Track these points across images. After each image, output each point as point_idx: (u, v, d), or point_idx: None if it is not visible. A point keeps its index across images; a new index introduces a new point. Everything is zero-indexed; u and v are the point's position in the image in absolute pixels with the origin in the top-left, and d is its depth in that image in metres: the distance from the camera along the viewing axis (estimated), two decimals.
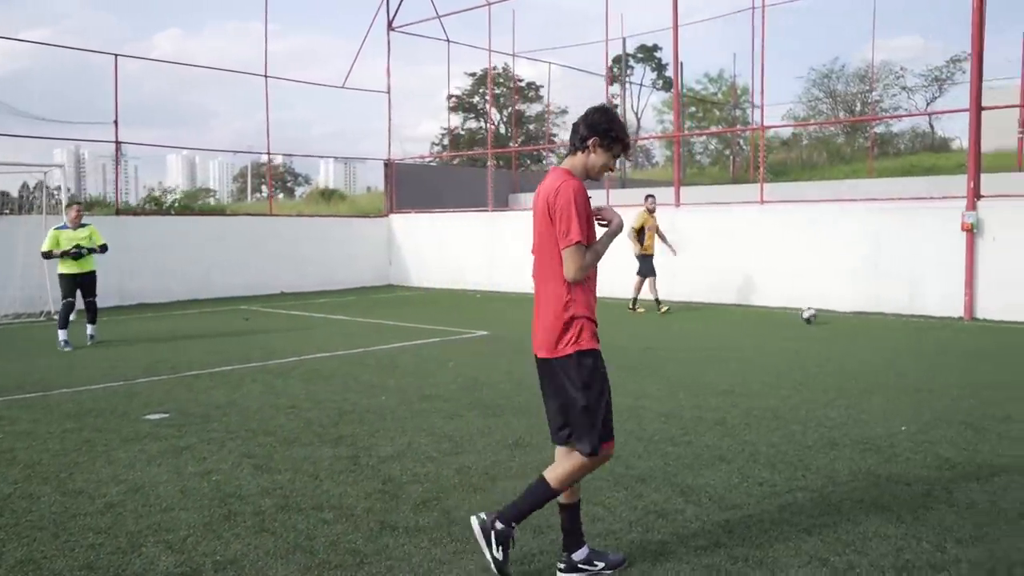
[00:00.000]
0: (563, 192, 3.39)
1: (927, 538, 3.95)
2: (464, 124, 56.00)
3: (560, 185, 3.42)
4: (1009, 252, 12.48)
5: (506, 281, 18.93)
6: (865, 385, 7.65)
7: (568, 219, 3.35)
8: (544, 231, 3.46)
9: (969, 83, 13.06)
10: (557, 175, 3.51)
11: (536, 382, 3.77)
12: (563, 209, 3.36)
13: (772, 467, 5.10)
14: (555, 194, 3.40)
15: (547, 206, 3.43)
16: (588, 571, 3.58)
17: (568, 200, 3.36)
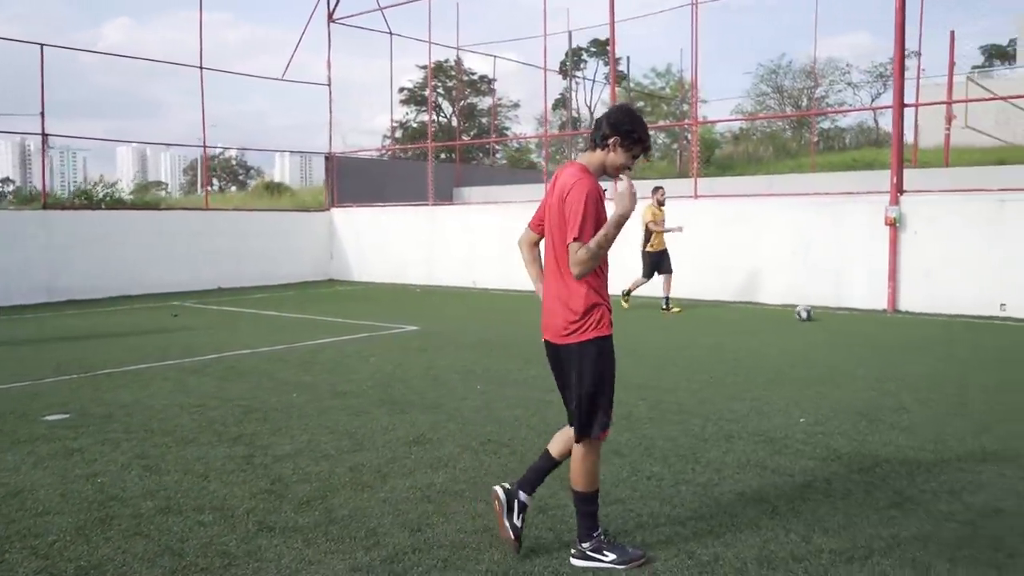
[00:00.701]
0: (575, 190, 3.47)
1: (796, 529, 4.03)
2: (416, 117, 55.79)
3: (574, 183, 3.49)
4: (929, 246, 12.78)
5: (447, 276, 18.90)
6: (774, 377, 7.78)
7: (576, 215, 3.42)
8: (557, 223, 3.57)
9: (892, 81, 13.30)
10: (574, 171, 3.59)
11: (451, 378, 3.75)
12: (572, 205, 3.44)
13: (664, 461, 5.16)
14: (568, 190, 3.50)
15: (561, 201, 3.52)
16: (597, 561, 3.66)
17: (578, 199, 3.43)
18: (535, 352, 9.25)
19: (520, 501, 3.78)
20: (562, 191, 3.54)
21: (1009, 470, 4.93)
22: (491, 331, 11.27)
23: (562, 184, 3.56)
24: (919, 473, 4.89)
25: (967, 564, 3.61)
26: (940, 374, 7.93)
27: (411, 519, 4.19)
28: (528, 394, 7.09)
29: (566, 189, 3.51)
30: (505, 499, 3.78)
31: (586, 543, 3.68)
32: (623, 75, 52.27)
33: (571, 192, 3.47)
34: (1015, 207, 12.21)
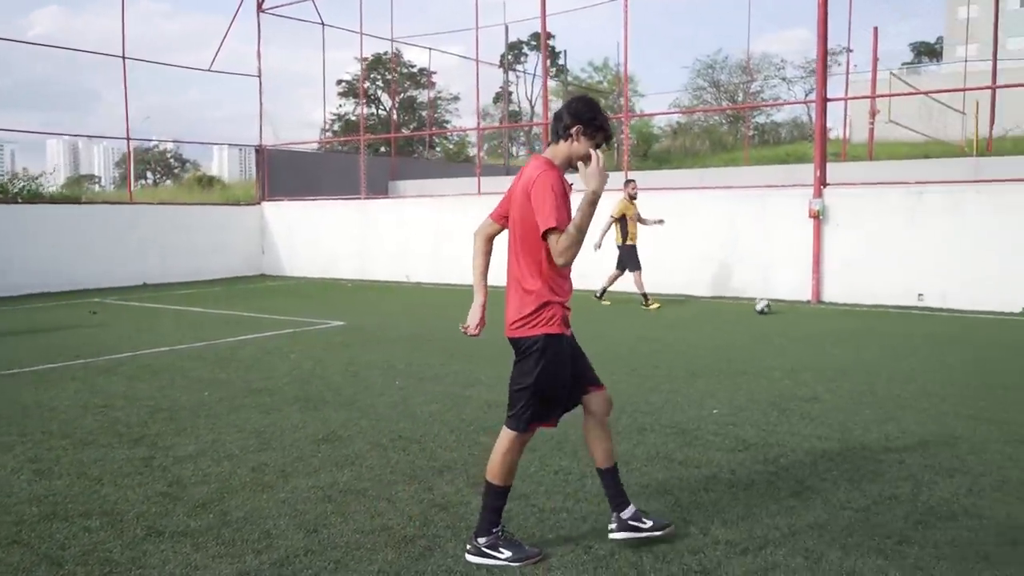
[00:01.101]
0: (539, 182, 3.44)
1: (696, 521, 4.04)
2: (355, 110, 55.17)
3: (538, 175, 3.47)
4: (851, 238, 13.05)
5: (380, 270, 18.71)
6: (694, 369, 7.84)
7: (545, 203, 3.40)
8: (520, 217, 3.53)
9: (816, 77, 13.53)
10: (538, 164, 3.56)
11: (371, 374, 3.65)
12: (540, 194, 3.42)
13: (574, 455, 5.13)
14: (532, 182, 3.47)
15: (526, 193, 3.49)
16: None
17: (543, 189, 3.42)
18: (460, 346, 9.24)
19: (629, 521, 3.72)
20: (526, 184, 3.51)
21: (909, 457, 5.02)
22: (418, 326, 11.16)
23: (527, 177, 3.54)
24: (822, 462, 4.95)
25: (857, 552, 3.65)
26: (853, 363, 8.08)
27: (308, 520, 4.09)
28: (447, 390, 7.01)
29: (531, 181, 3.49)
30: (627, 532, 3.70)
31: (482, 538, 3.62)
32: (562, 69, 52.52)
33: (535, 184, 3.46)
34: (931, 199, 12.53)
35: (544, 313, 3.56)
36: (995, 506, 4.20)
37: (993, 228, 11.96)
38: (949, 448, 5.22)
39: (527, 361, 3.59)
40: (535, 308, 3.56)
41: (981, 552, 3.64)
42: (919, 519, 4.03)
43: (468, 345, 9.39)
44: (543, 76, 20.50)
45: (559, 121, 3.59)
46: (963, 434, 5.53)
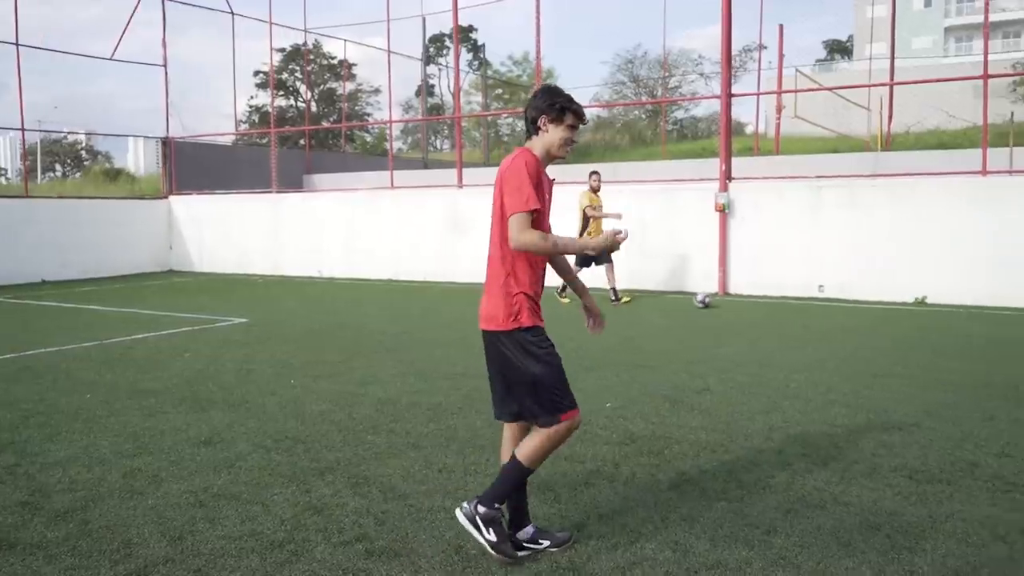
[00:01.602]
0: (513, 164, 3.41)
1: (572, 516, 4.03)
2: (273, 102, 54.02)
3: (512, 160, 3.44)
4: (755, 231, 13.34)
5: (293, 265, 18.35)
6: (595, 363, 7.87)
7: (517, 188, 3.34)
8: (498, 206, 3.48)
9: (721, 73, 13.77)
10: (516, 153, 3.51)
11: (266, 372, 3.49)
12: (511, 178, 3.37)
13: (460, 452, 5.09)
14: (506, 167, 3.44)
15: (500, 181, 3.44)
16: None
17: (516, 171, 3.37)
18: (362, 343, 9.12)
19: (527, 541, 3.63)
20: (501, 171, 3.48)
21: (789, 447, 5.12)
22: (324, 322, 10.97)
23: (503, 167, 3.50)
24: (705, 453, 5.01)
25: (725, 543, 3.69)
26: (749, 355, 8.24)
27: (175, 527, 3.94)
28: (343, 388, 6.89)
29: (504, 167, 3.46)
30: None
31: (484, 508, 3.51)
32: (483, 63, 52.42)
33: (508, 168, 3.43)
34: (830, 193, 12.89)
35: (516, 305, 3.51)
36: (864, 493, 4.31)
37: (888, 221, 12.37)
38: (827, 437, 5.34)
39: (516, 355, 3.52)
40: (508, 299, 3.51)
41: (843, 539, 3.72)
42: (789, 508, 4.10)
43: (370, 341, 9.29)
44: (455, 69, 20.34)
45: (526, 120, 3.57)
46: (842, 423, 5.68)
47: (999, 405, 6.09)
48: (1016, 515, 3.98)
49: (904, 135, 29.17)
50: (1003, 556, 3.54)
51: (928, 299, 12.02)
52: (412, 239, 16.75)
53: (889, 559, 3.52)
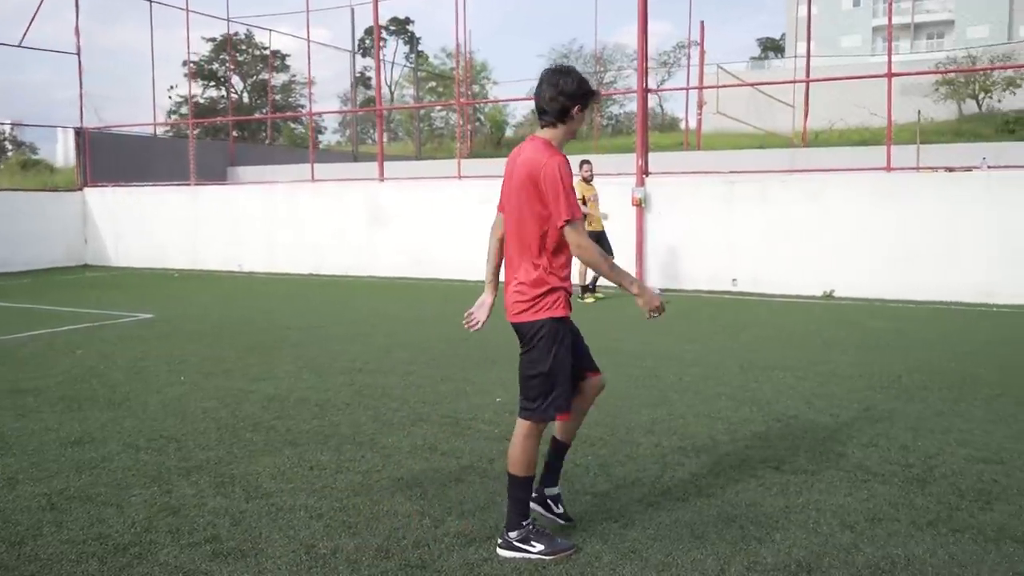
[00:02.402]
0: (550, 168, 3.35)
1: (433, 513, 3.99)
2: (203, 93, 52.91)
3: (547, 161, 3.37)
4: (671, 225, 13.48)
5: (212, 259, 17.97)
6: (497, 356, 7.83)
7: (560, 195, 3.34)
8: (526, 200, 3.43)
9: (637, 69, 13.87)
10: (540, 148, 3.45)
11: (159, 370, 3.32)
12: (552, 186, 3.35)
13: (337, 449, 5.01)
14: (541, 168, 3.37)
15: (532, 179, 3.39)
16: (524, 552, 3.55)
17: (555, 179, 3.34)
18: (265, 339, 8.94)
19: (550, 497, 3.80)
20: (532, 170, 3.40)
21: (667, 440, 5.17)
22: (231, 317, 10.75)
23: (532, 162, 3.42)
24: (583, 447, 5.01)
25: (581, 537, 3.69)
26: (650, 348, 8.30)
27: (19, 531, 3.79)
28: (233, 385, 6.74)
29: (538, 168, 3.38)
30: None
31: (514, 532, 3.53)
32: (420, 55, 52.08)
33: (545, 172, 3.36)
34: (744, 188, 13.09)
35: (548, 297, 3.51)
36: (728, 485, 4.36)
37: (798, 216, 12.61)
38: (707, 429, 5.40)
39: (538, 348, 3.55)
40: (540, 292, 3.50)
41: (698, 532, 3.75)
42: (652, 501, 4.13)
43: (274, 336, 9.13)
44: (375, 61, 20.12)
45: (552, 103, 3.46)
46: (725, 415, 5.74)
47: (878, 396, 6.24)
48: (868, 504, 4.07)
49: (828, 132, 29.85)
50: (847, 544, 3.61)
51: (836, 293, 12.30)
52: (333, 233, 16.54)
53: (737, 550, 3.56)
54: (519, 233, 3.52)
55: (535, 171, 3.39)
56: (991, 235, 11.48)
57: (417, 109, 38.21)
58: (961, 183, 11.87)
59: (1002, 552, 3.53)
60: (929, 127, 32.67)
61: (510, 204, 3.56)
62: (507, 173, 3.60)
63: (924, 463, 4.69)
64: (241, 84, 55.16)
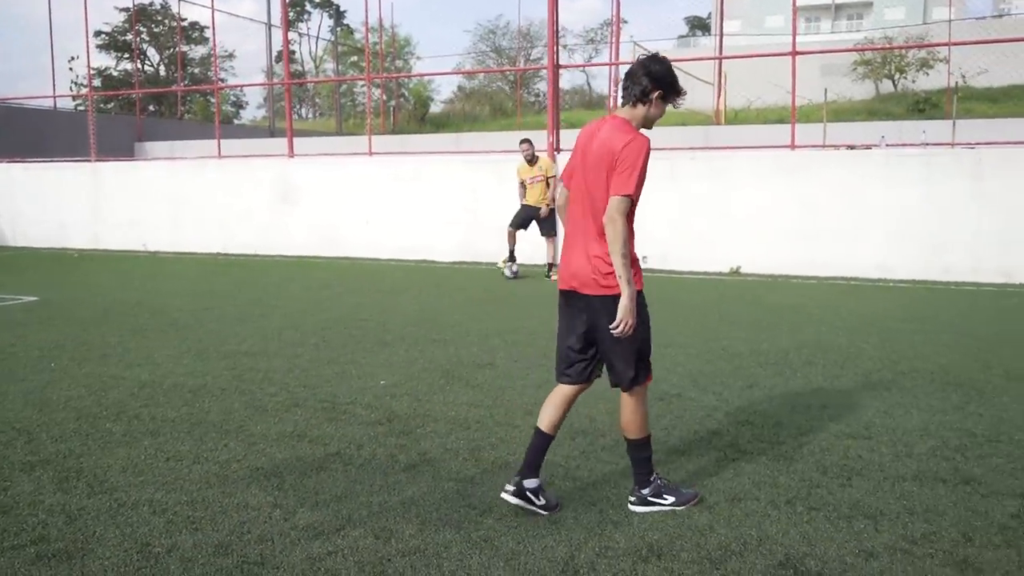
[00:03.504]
0: (634, 146, 3.42)
1: (285, 504, 3.81)
2: (116, 65, 50.97)
3: (633, 138, 3.45)
4: None
5: (115, 239, 17.31)
6: (391, 338, 7.68)
7: (631, 171, 3.40)
8: (603, 177, 3.48)
9: (548, 45, 13.74)
10: (622, 126, 3.53)
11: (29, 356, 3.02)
12: (629, 161, 3.41)
13: (200, 439, 4.78)
14: (625, 144, 3.42)
15: (611, 155, 3.44)
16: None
17: (637, 155, 3.41)
18: (152, 321, 8.58)
19: (531, 489, 3.68)
20: (615, 146, 3.45)
21: None
22: (123, 299, 10.30)
23: (616, 139, 3.47)
24: (458, 431, 4.89)
25: (435, 526, 3.56)
26: (547, 327, 8.20)
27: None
28: (106, 371, 6.42)
29: (622, 142, 3.44)
30: (520, 501, 3.66)
31: (646, 489, 3.71)
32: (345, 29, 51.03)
33: (629, 146, 3.42)
34: (653, 166, 12.90)
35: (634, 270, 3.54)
36: (597, 467, 4.30)
37: (706, 193, 12.69)
38: (589, 409, 5.32)
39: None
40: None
41: (555, 517, 3.66)
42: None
43: (163, 319, 8.78)
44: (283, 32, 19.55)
45: (636, 84, 3.53)
46: (609, 395, 5.59)
47: (763, 373, 6.27)
48: (732, 483, 4.05)
49: (747, 110, 30.23)
50: (703, 525, 3.57)
51: (742, 269, 12.44)
52: (241, 211, 16.08)
53: (591, 535, 3.48)
54: (594, 208, 3.54)
55: (616, 148, 3.45)
56: (889, 212, 11.73)
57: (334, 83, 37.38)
58: (861, 161, 12.08)
59: (853, 529, 3.53)
60: (846, 106, 33.39)
61: (585, 179, 3.59)
62: (580, 148, 3.66)
63: (794, 440, 4.71)
64: (157, 57, 53.39)
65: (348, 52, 45.72)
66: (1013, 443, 4.63)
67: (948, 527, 3.54)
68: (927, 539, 3.43)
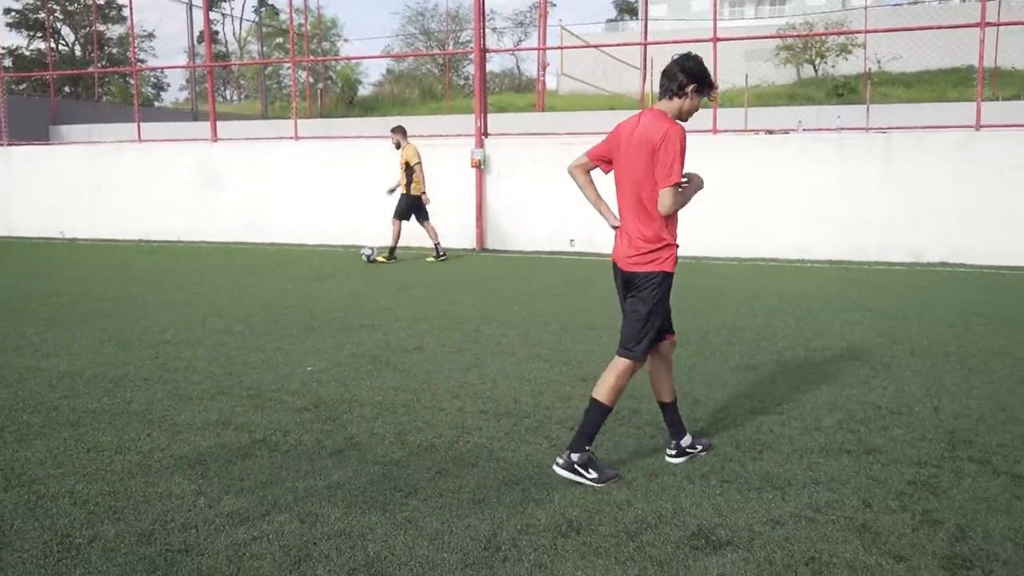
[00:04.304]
0: (672, 135, 3.75)
1: (210, 492, 3.81)
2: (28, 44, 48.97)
3: (669, 128, 3.77)
4: (511, 187, 13.53)
5: (29, 226, 16.74)
6: (319, 323, 7.66)
7: (672, 161, 3.75)
8: (643, 165, 3.83)
9: (474, 29, 13.73)
10: (659, 117, 3.86)
11: None
12: (670, 151, 3.74)
13: (122, 430, 4.71)
14: (664, 135, 3.75)
15: (651, 144, 3.77)
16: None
17: (675, 143, 3.74)
18: (71, 311, 8.38)
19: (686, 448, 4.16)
20: (654, 136, 3.77)
21: (471, 404, 5.15)
22: (40, 289, 10.00)
23: (654, 129, 3.79)
24: (385, 415, 4.94)
25: (361, 509, 3.61)
26: (476, 310, 8.31)
27: None
28: (22, 362, 6.25)
29: (660, 131, 3.77)
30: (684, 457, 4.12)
31: (576, 455, 3.88)
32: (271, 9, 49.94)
33: (668, 138, 3.75)
34: (579, 150, 13.18)
35: (664, 252, 3.96)
36: (521, 448, 4.40)
37: None
38: (514, 391, 5.44)
39: (645, 292, 3.99)
40: (656, 247, 3.94)
41: (479, 497, 3.75)
42: (442, 468, 4.10)
43: (82, 308, 8.56)
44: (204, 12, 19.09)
45: (673, 79, 3.88)
46: (535, 377, 5.80)
47: (682, 353, 6.43)
48: (649, 459, 4.20)
49: None
50: (621, 500, 3.70)
51: None
52: (163, 196, 15.71)
53: (514, 513, 3.58)
54: (638, 194, 3.91)
55: (655, 137, 3.78)
56: (806, 195, 12.12)
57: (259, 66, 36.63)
58: (780, 145, 12.44)
59: (762, 499, 3.71)
60: (768, 90, 34.17)
61: (629, 167, 3.92)
62: (623, 138, 3.97)
63: (711, 416, 4.89)
64: (72, 36, 51.50)
65: (273, 33, 44.81)
66: (913, 414, 4.90)
67: (850, 495, 3.75)
68: (830, 507, 3.63)
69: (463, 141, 13.91)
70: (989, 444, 4.39)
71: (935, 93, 27.68)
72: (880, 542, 3.30)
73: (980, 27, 11.69)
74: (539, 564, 3.14)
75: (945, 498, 3.71)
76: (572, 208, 13.07)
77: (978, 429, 4.64)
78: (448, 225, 13.90)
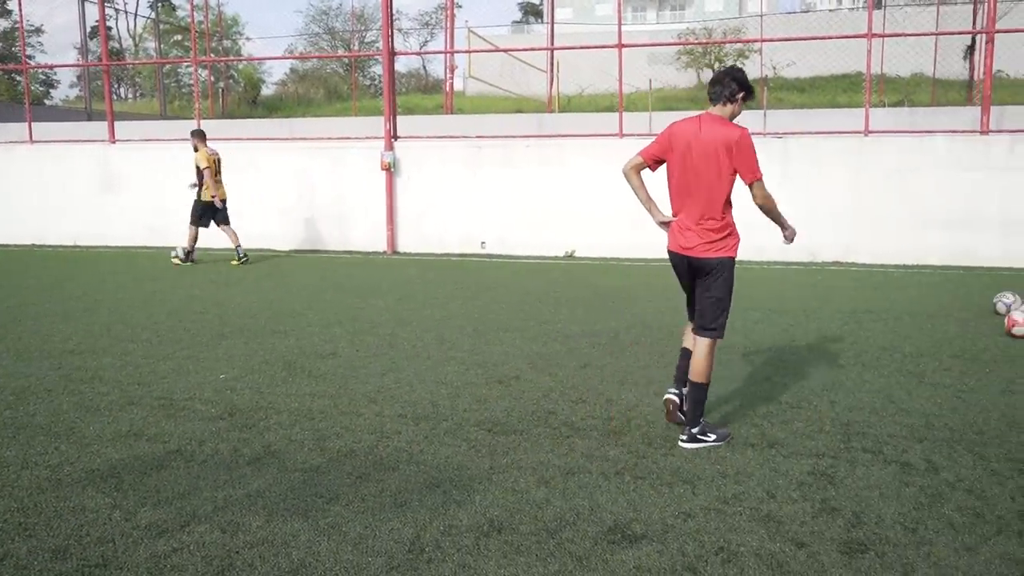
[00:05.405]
0: (747, 137, 4.36)
1: (125, 505, 3.75)
2: None
3: (741, 133, 4.34)
4: (421, 189, 13.55)
5: None
6: (226, 331, 7.53)
7: (754, 159, 4.38)
8: (714, 164, 4.36)
9: (381, 30, 13.70)
10: (724, 121, 4.44)
11: None
12: (748, 151, 4.36)
13: (27, 443, 4.57)
14: (736, 138, 4.33)
15: (727, 145, 4.33)
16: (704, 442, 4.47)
17: (751, 144, 4.37)
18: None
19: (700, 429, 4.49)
20: (729, 137, 4.33)
21: (389, 408, 5.19)
22: None
23: (727, 131, 4.35)
24: (302, 422, 4.93)
25: (283, 516, 3.62)
26: (390, 314, 8.32)
27: None
28: None
29: (736, 133, 4.34)
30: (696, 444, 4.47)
31: (695, 427, 4.46)
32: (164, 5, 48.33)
33: (741, 140, 4.33)
34: (490, 152, 13.38)
35: (731, 240, 4.49)
36: (440, 450, 4.46)
37: (541, 179, 13.10)
38: (431, 395, 5.49)
39: (719, 277, 4.47)
40: (725, 235, 4.46)
41: (401, 500, 3.80)
42: (362, 473, 4.13)
43: None
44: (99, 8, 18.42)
45: (725, 87, 4.44)
46: (451, 380, 5.87)
47: (595, 353, 6.65)
48: (566, 459, 4.33)
49: (578, 97, 31.16)
50: (540, 499, 3.81)
51: (576, 253, 12.95)
52: (58, 200, 15.10)
53: (436, 515, 3.65)
54: (708, 191, 4.40)
55: (729, 141, 4.32)
56: None
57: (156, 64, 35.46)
58: None
59: (674, 494, 3.88)
60: (671, 94, 35.02)
61: (699, 165, 4.39)
62: (683, 140, 4.44)
63: (623, 415, 5.06)
64: None
65: (171, 30, 43.45)
66: (811, 408, 5.19)
67: (755, 486, 3.96)
68: (737, 498, 3.83)
69: (373, 143, 13.84)
70: (880, 435, 4.69)
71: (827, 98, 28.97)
72: (783, 530, 3.51)
73: (867, 38, 12.33)
74: (463, 564, 3.22)
75: (841, 487, 3.96)
76: (482, 210, 13.24)
77: (870, 421, 4.95)
78: (359, 228, 13.83)
